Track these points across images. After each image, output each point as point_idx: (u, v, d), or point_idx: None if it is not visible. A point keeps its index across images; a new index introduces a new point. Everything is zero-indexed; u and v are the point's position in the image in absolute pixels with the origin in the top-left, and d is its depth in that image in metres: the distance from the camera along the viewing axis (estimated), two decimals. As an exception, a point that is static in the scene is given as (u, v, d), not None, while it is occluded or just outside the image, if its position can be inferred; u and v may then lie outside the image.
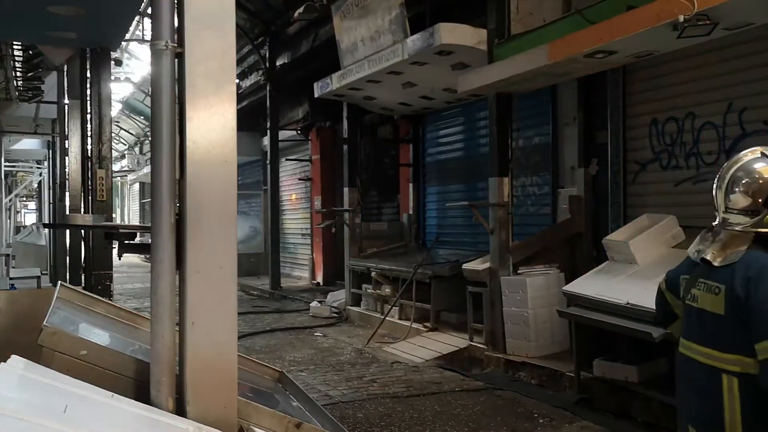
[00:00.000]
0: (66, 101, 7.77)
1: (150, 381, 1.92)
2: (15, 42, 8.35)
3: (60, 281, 3.03)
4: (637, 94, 7.27)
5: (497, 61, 7.16)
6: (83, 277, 6.84)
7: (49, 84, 10.11)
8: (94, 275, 6.17)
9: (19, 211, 33.55)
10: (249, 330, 10.01)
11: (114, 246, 3.58)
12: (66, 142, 7.20)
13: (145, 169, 25.80)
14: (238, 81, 15.23)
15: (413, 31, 8.02)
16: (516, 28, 7.24)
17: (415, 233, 11.67)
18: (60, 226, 8.95)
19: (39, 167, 20.84)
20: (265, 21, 14.54)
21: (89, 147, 6.47)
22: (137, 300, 13.73)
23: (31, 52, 8.88)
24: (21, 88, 10.38)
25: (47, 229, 14.34)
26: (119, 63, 12.92)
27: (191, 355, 1.93)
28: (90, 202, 6.37)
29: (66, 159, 7.24)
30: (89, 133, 6.54)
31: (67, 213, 7.02)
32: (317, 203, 15.14)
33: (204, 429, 1.84)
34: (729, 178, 2.51)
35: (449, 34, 7.45)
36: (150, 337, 1.95)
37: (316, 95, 10.58)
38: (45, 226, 16.73)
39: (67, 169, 6.95)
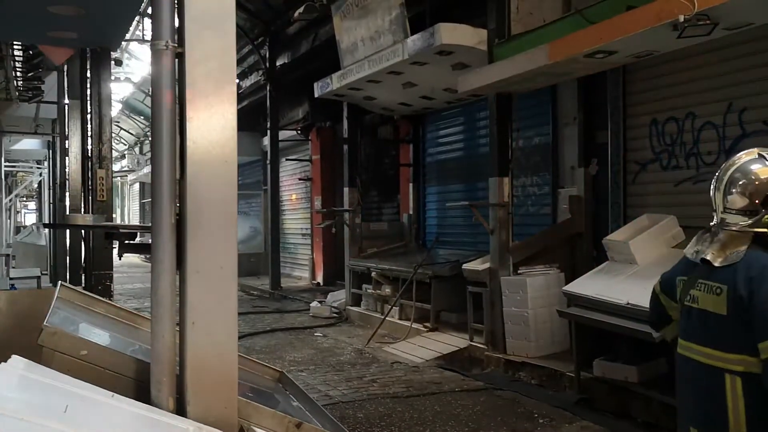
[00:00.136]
0: (66, 101, 7.76)
1: (150, 381, 1.92)
2: (15, 42, 8.34)
3: (60, 281, 3.03)
4: (637, 94, 7.27)
5: (497, 61, 7.16)
6: (83, 277, 6.83)
7: (49, 84, 10.11)
8: (94, 275, 6.16)
9: (19, 211, 33.53)
10: (249, 330, 10.01)
11: (114, 246, 3.58)
12: (66, 142, 7.20)
13: (145, 169, 25.80)
14: (238, 81, 15.24)
15: (413, 31, 8.02)
16: (516, 28, 7.24)
17: (415, 233, 11.67)
18: (60, 226, 8.94)
19: (39, 167, 20.82)
20: (265, 21, 14.54)
21: (89, 147, 6.47)
22: (137, 300, 13.73)
23: (31, 52, 8.88)
24: (21, 88, 10.37)
25: (47, 229, 14.34)
26: (119, 63, 12.92)
27: (191, 355, 1.93)
28: (90, 202, 6.36)
29: (66, 159, 7.24)
30: (89, 133, 6.54)
31: (67, 213, 7.02)
32: (317, 203, 15.14)
33: (204, 429, 1.84)
34: (726, 179, 2.53)
35: (449, 34, 7.45)
36: (150, 337, 1.95)
37: (316, 95, 10.58)
38: (45, 226, 16.73)
39: (67, 169, 6.95)
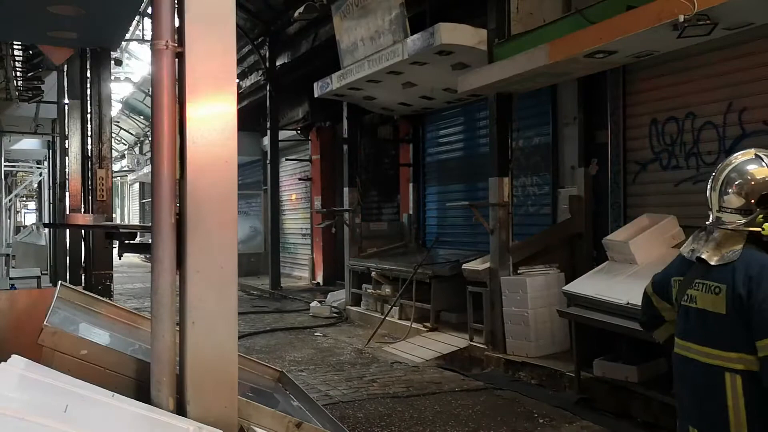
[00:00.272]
0: (66, 101, 7.75)
1: (150, 381, 1.92)
2: (15, 42, 8.34)
3: (60, 281, 3.03)
4: (637, 94, 7.27)
5: (497, 61, 7.16)
6: (83, 277, 6.82)
7: (49, 84, 10.10)
8: (94, 275, 6.15)
9: (19, 211, 33.55)
10: (249, 330, 10.00)
11: (114, 246, 3.59)
12: (66, 142, 7.19)
13: (145, 169, 25.81)
14: (238, 81, 15.24)
15: (413, 31, 8.02)
16: (516, 28, 7.24)
17: (415, 233, 11.67)
18: (60, 226, 8.94)
19: (39, 167, 20.83)
20: (265, 21, 14.54)
21: (89, 147, 6.46)
22: (137, 300, 13.73)
23: (31, 52, 8.88)
24: (21, 88, 10.37)
25: (47, 229, 14.33)
26: (119, 63, 12.90)
27: (192, 355, 1.93)
28: (90, 202, 6.36)
29: (66, 159, 7.23)
30: (89, 133, 6.53)
31: (67, 213, 7.01)
32: (317, 203, 15.14)
33: (204, 429, 1.85)
34: (722, 178, 2.56)
35: (449, 34, 7.45)
36: (150, 337, 1.95)
37: (316, 95, 10.58)
38: (45, 226, 16.72)
39: (67, 169, 6.94)
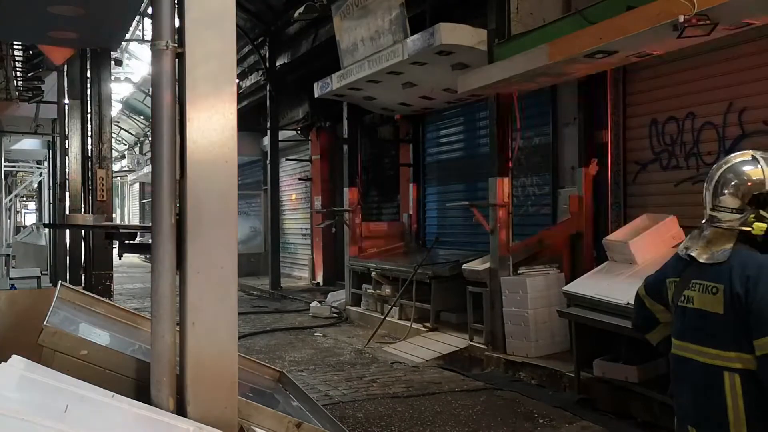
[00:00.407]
0: (66, 101, 7.75)
1: (150, 381, 1.92)
2: (15, 42, 8.34)
3: (60, 281, 3.03)
4: (637, 94, 7.27)
5: (497, 61, 7.15)
6: (83, 277, 6.83)
7: (49, 84, 10.10)
8: (94, 275, 6.15)
9: (19, 211, 33.52)
10: (249, 330, 10.01)
11: (114, 246, 3.58)
12: (66, 142, 7.19)
13: (145, 169, 25.81)
14: (238, 81, 15.23)
15: (413, 31, 8.02)
16: (516, 28, 7.23)
17: (415, 233, 11.67)
18: (60, 226, 8.94)
19: (39, 167, 20.81)
20: (265, 21, 14.54)
21: (89, 147, 6.47)
22: (137, 300, 13.74)
23: (31, 52, 8.88)
24: (21, 88, 10.36)
25: (47, 229, 14.33)
26: (119, 63, 12.90)
27: (192, 355, 1.93)
28: (90, 202, 6.36)
29: (66, 159, 7.24)
30: (89, 133, 6.53)
31: (67, 213, 7.01)
32: (317, 203, 15.14)
33: (204, 429, 1.84)
34: (717, 178, 2.58)
35: (449, 34, 7.45)
36: (150, 337, 1.95)
37: (316, 95, 10.58)
38: (45, 226, 16.72)
39: (67, 169, 6.95)
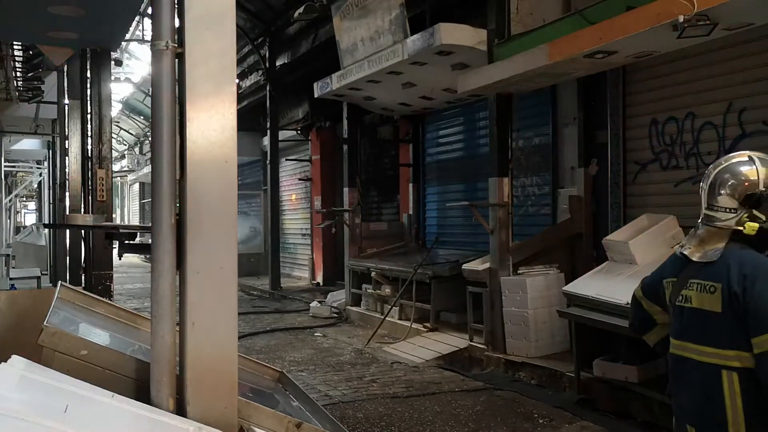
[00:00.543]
0: (66, 101, 7.74)
1: (150, 381, 1.92)
2: (15, 42, 8.34)
3: (60, 281, 3.03)
4: (637, 94, 7.28)
5: (497, 62, 7.16)
6: (83, 277, 6.82)
7: (49, 84, 10.10)
8: (94, 275, 6.15)
9: (19, 211, 33.54)
10: (249, 330, 10.01)
11: (114, 246, 3.58)
12: (66, 142, 7.19)
13: (145, 169, 25.81)
14: (238, 81, 15.23)
15: (413, 31, 8.02)
16: (516, 28, 7.24)
17: (415, 233, 11.67)
18: (60, 226, 8.94)
19: (39, 167, 20.82)
20: (265, 21, 14.54)
21: (89, 147, 6.46)
22: (137, 300, 13.74)
23: (31, 52, 8.88)
24: (21, 88, 10.37)
25: (47, 230, 14.34)
26: (119, 63, 12.91)
27: (192, 356, 1.93)
28: (90, 202, 6.35)
29: (66, 159, 7.23)
30: (89, 133, 6.53)
31: (67, 213, 7.01)
32: (317, 203, 15.15)
33: (204, 429, 1.84)
34: (713, 178, 2.60)
35: (449, 34, 7.45)
36: (150, 337, 1.95)
37: (316, 95, 10.58)
38: (45, 226, 16.72)
39: (67, 169, 6.94)
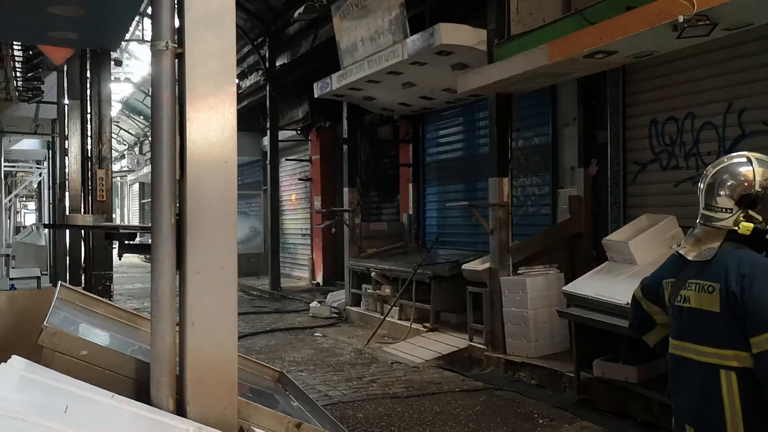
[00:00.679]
0: (66, 101, 7.74)
1: (150, 381, 1.92)
2: (15, 42, 8.34)
3: (60, 281, 3.03)
4: (637, 94, 7.28)
5: (497, 62, 7.16)
6: (83, 278, 6.82)
7: (49, 84, 10.10)
8: (94, 275, 6.15)
9: (19, 212, 33.55)
10: (249, 330, 10.01)
11: (114, 246, 3.58)
12: (66, 142, 7.18)
13: (145, 169, 25.81)
14: (238, 81, 15.23)
15: (413, 31, 8.02)
16: (516, 28, 7.24)
17: (415, 233, 11.67)
18: (60, 226, 8.94)
19: (39, 167, 20.83)
20: (265, 21, 14.55)
21: (89, 147, 6.46)
22: (137, 300, 13.74)
23: (31, 52, 8.88)
24: (21, 88, 10.37)
25: (47, 230, 14.33)
26: (119, 63, 12.90)
27: (191, 356, 1.93)
28: (90, 202, 6.35)
29: (66, 159, 7.23)
30: (89, 133, 6.52)
31: (67, 213, 7.01)
32: (317, 203, 15.15)
33: (204, 429, 1.84)
34: (710, 177, 2.61)
35: (449, 34, 7.45)
36: (150, 338, 1.95)
37: (316, 95, 10.58)
38: (45, 226, 16.72)
39: (67, 169, 6.93)
